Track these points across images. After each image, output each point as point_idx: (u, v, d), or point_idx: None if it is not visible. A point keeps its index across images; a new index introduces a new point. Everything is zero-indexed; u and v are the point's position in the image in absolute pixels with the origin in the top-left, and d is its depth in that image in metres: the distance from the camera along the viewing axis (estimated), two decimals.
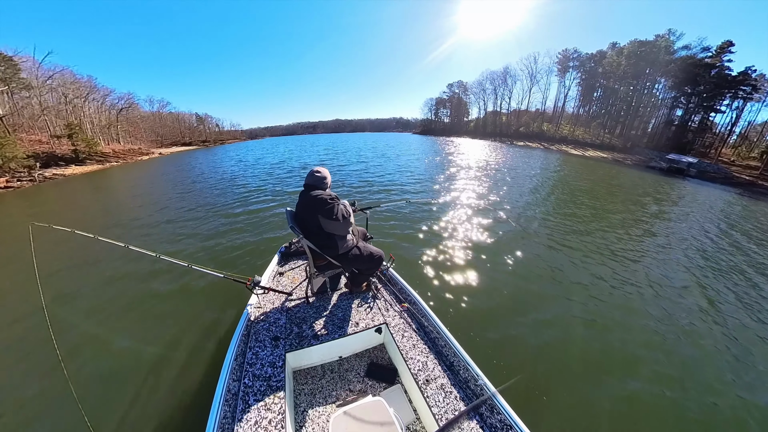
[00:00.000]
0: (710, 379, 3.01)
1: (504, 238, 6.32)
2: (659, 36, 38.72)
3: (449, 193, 10.63)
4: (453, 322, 3.51)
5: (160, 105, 64.16)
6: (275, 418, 1.69)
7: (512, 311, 3.86)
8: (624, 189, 13.72)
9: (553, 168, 19.69)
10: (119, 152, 34.12)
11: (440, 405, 1.78)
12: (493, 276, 4.68)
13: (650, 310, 4.07)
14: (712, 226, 8.58)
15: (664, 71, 37.72)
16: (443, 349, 2.15)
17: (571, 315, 3.85)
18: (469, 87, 74.15)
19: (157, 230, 7.23)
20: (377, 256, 2.55)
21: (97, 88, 41.94)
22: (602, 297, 4.29)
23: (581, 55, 51.44)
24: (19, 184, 16.79)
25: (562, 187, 12.97)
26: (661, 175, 22.30)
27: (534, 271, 4.91)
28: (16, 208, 11.50)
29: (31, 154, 21.24)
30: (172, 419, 2.44)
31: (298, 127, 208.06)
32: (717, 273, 5.39)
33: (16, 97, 29.04)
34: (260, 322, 2.42)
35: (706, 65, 33.63)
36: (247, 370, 1.98)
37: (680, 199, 12.74)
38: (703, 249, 6.54)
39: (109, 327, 3.62)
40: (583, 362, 3.13)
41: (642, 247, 6.31)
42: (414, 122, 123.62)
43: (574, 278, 4.75)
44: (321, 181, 2.32)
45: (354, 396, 2.20)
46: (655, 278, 4.95)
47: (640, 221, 8.25)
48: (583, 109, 53.67)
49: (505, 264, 5.11)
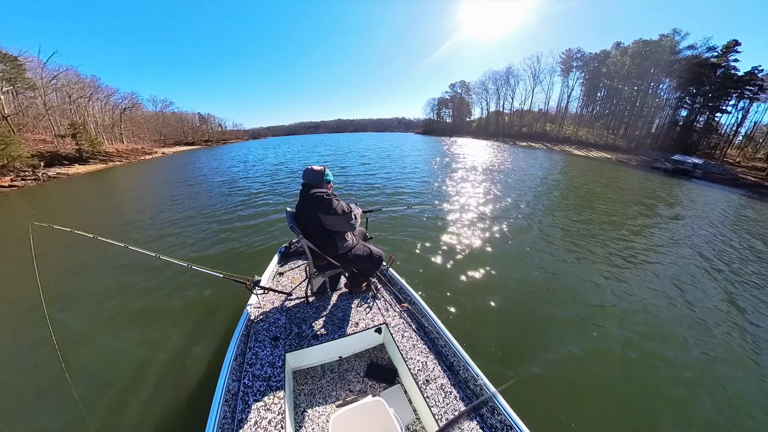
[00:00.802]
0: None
1: (506, 238, 6.28)
2: (664, 36, 38.47)
3: (451, 194, 10.59)
4: (453, 322, 3.50)
5: (164, 105, 64.71)
6: (275, 418, 1.68)
7: (512, 311, 3.83)
8: (634, 192, 13.41)
9: (559, 170, 19.48)
10: (122, 152, 34.36)
11: (440, 405, 1.77)
12: (493, 276, 4.65)
13: (653, 310, 4.02)
14: (730, 232, 8.14)
15: (668, 71, 37.43)
16: (443, 349, 2.14)
17: (572, 315, 3.82)
18: (472, 87, 74.03)
19: (157, 230, 7.23)
20: (377, 256, 2.53)
21: (100, 88, 42.32)
22: (603, 297, 4.25)
23: (585, 55, 51.23)
24: (23, 183, 16.92)
25: (570, 190, 12.79)
26: (666, 176, 22.11)
27: (535, 272, 4.88)
28: (21, 206, 11.60)
29: (35, 154, 21.41)
30: (172, 419, 2.44)
31: (300, 127, 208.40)
32: (751, 285, 4.97)
33: (21, 96, 29.31)
34: (260, 322, 2.41)
35: (711, 65, 33.33)
36: (246, 370, 1.97)
37: (692, 202, 12.36)
38: (730, 260, 6.06)
39: (109, 327, 3.62)
40: (585, 362, 3.10)
41: (656, 250, 6.14)
42: (416, 122, 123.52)
43: (575, 279, 4.72)
44: (318, 178, 2.28)
45: (354, 396, 2.20)
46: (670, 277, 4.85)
47: (657, 227, 7.88)
48: (587, 109, 53.42)
49: (505, 264, 5.07)
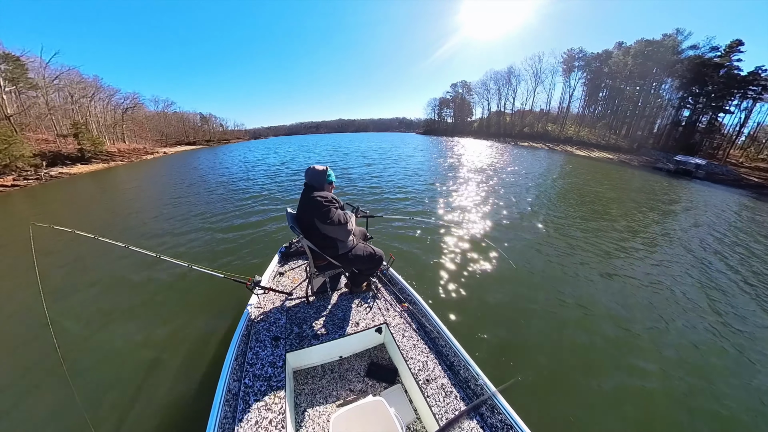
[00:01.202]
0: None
1: (506, 239, 6.26)
2: (666, 35, 38.30)
3: (452, 193, 10.56)
4: (453, 322, 3.50)
5: (165, 105, 64.75)
6: (275, 418, 1.68)
7: (513, 311, 3.82)
8: (646, 194, 13.04)
9: (562, 170, 19.22)
10: (124, 151, 34.41)
11: (440, 405, 1.78)
12: (493, 276, 4.63)
13: (662, 314, 4.01)
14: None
15: (671, 71, 37.26)
16: (443, 348, 2.14)
17: (572, 316, 3.80)
18: (473, 87, 73.81)
19: (158, 230, 7.22)
20: (377, 256, 2.53)
21: (102, 88, 42.37)
22: (604, 299, 4.24)
23: (587, 55, 51.02)
24: (25, 183, 16.96)
25: (573, 191, 12.67)
26: (669, 176, 21.95)
27: (536, 272, 4.86)
28: (22, 206, 11.63)
29: (37, 153, 21.45)
30: (173, 419, 2.43)
31: (301, 126, 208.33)
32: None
33: (23, 96, 29.42)
34: (260, 322, 2.41)
35: (714, 65, 33.16)
36: (247, 370, 1.97)
37: (705, 205, 12.04)
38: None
39: (109, 327, 3.61)
40: (584, 362, 3.10)
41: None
42: (417, 122, 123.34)
43: (575, 280, 4.71)
44: (320, 178, 2.27)
45: (354, 396, 2.19)
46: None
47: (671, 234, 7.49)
48: (588, 109, 53.24)
49: (506, 265, 5.03)
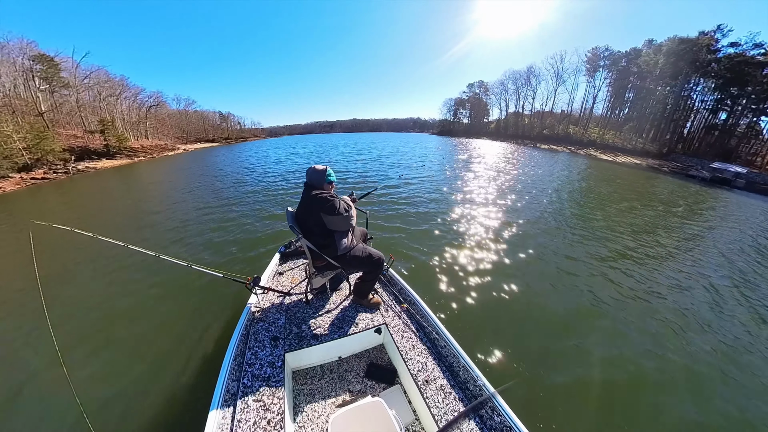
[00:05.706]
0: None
1: (507, 239, 6.11)
2: (704, 33, 35.85)
3: (452, 193, 10.24)
4: (453, 323, 3.46)
5: (186, 103, 66.95)
6: (274, 418, 1.68)
7: (513, 312, 3.78)
8: (700, 212, 10.56)
9: (585, 173, 18.12)
10: (147, 147, 35.68)
11: (440, 406, 1.76)
12: (494, 277, 4.53)
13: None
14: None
15: (704, 71, 34.93)
16: (443, 349, 2.12)
17: (573, 316, 3.74)
18: (490, 87, 72.43)
19: (158, 230, 7.12)
20: (376, 258, 2.49)
21: (128, 87, 44.15)
22: (604, 297, 4.14)
23: (613, 54, 48.52)
24: (54, 176, 17.69)
25: (591, 193, 11.96)
26: (704, 185, 20.11)
27: (536, 273, 4.76)
28: (53, 199, 12.00)
29: (66, 148, 22.44)
30: (172, 419, 2.42)
31: (316, 126, 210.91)
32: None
33: (56, 94, 30.93)
34: (260, 322, 2.40)
35: (757, 63, 30.61)
36: (246, 370, 1.96)
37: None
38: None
39: (109, 326, 3.58)
40: (585, 362, 3.07)
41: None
42: (432, 123, 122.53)
43: (576, 281, 4.57)
44: (320, 177, 2.27)
45: (353, 396, 2.18)
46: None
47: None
48: (613, 111, 50.87)
49: (506, 265, 4.98)
